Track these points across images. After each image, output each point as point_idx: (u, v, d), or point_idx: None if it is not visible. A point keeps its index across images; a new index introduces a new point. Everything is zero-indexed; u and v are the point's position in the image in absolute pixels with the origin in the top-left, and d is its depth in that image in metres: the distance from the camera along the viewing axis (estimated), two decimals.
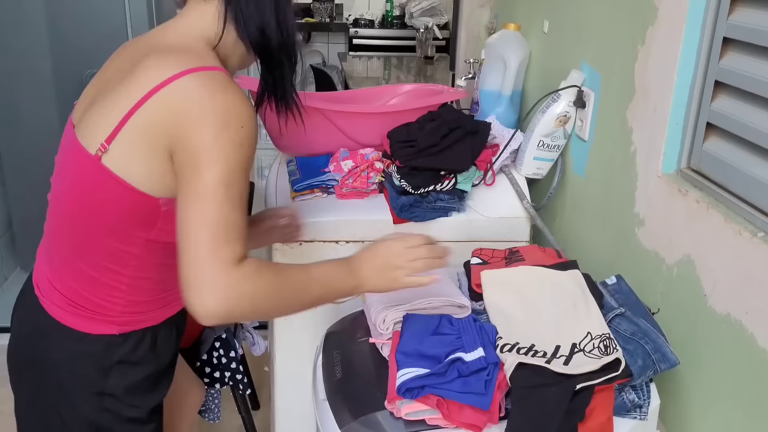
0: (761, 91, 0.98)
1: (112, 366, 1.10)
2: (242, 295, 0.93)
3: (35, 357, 1.12)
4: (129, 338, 1.11)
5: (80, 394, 1.10)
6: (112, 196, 1.00)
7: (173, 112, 0.94)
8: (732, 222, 0.99)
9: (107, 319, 1.09)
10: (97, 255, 1.05)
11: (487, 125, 1.56)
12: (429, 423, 1.01)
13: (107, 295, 1.08)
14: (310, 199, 1.53)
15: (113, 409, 1.12)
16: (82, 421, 1.12)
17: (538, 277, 1.20)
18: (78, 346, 1.09)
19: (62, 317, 1.08)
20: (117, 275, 1.07)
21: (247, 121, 0.97)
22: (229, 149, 0.94)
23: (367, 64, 3.98)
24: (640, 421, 1.04)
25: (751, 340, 0.95)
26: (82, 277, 1.07)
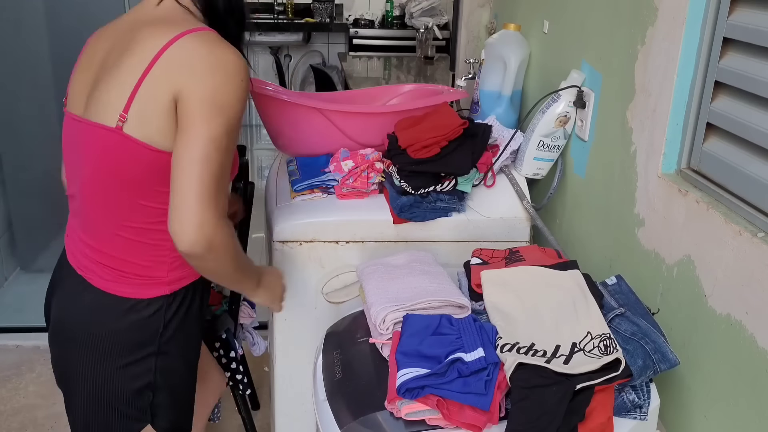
0: (761, 92, 0.98)
1: (166, 325, 1.18)
2: (224, 240, 1.07)
3: (89, 333, 1.16)
4: (177, 296, 1.19)
5: (138, 359, 1.17)
6: (139, 160, 1.08)
7: (178, 69, 1.04)
8: (732, 222, 0.99)
9: (158, 281, 1.16)
10: (137, 219, 1.13)
11: (488, 128, 1.56)
12: (429, 423, 1.01)
13: (154, 256, 1.15)
14: (310, 200, 1.53)
15: (166, 367, 1.20)
16: (138, 385, 1.18)
17: (538, 278, 1.20)
18: (134, 312, 1.15)
19: (115, 289, 1.15)
20: (160, 234, 1.13)
21: (245, 75, 1.07)
22: (233, 101, 1.05)
23: (367, 64, 3.98)
24: (640, 421, 1.04)
25: (751, 340, 0.95)
26: (128, 244, 1.14)
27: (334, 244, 1.51)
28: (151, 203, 1.12)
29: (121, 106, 1.06)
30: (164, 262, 1.16)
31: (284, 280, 1.36)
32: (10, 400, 2.25)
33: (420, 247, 1.47)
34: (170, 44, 1.05)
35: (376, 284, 1.22)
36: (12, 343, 2.45)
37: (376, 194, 1.55)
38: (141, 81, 1.05)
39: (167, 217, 1.08)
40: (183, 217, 1.03)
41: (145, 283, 1.16)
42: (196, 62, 1.04)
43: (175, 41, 1.05)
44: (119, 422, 1.20)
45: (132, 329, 1.16)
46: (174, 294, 1.18)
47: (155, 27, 1.08)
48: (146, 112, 1.06)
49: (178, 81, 1.04)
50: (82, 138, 1.13)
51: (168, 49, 1.04)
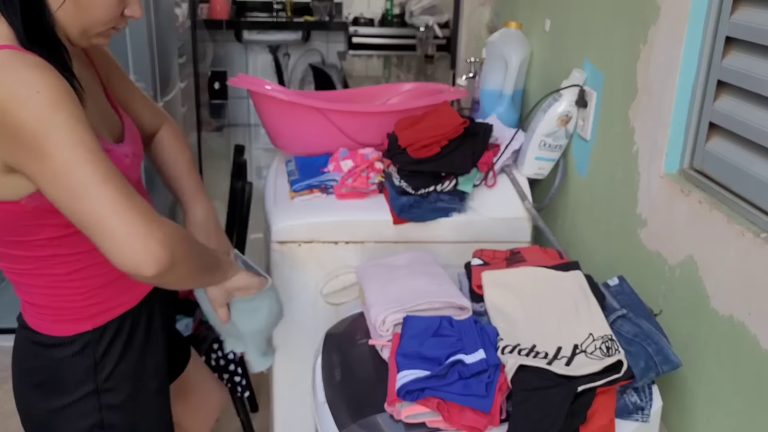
0: (764, 91, 0.98)
1: (99, 362, 1.10)
2: (179, 241, 0.93)
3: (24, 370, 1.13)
4: (107, 329, 1.11)
5: (77, 399, 1.11)
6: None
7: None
8: (735, 223, 0.99)
9: (74, 316, 1.08)
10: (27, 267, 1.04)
11: (489, 127, 1.56)
12: (429, 426, 1.00)
13: (61, 296, 1.07)
14: (309, 200, 1.53)
15: (116, 404, 1.12)
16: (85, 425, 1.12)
17: (539, 278, 1.19)
18: (60, 350, 1.09)
19: (37, 325, 1.10)
20: (55, 277, 1.05)
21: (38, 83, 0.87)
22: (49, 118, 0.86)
23: (367, 63, 3.98)
24: (642, 423, 1.04)
25: (754, 341, 0.94)
26: (28, 287, 1.08)
27: (333, 244, 1.51)
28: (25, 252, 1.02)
29: None
30: (72, 299, 1.07)
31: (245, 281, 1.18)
32: (7, 401, 2.23)
33: (420, 248, 1.46)
34: None
35: (376, 285, 1.22)
36: (9, 344, 2.43)
37: (375, 194, 1.54)
38: None
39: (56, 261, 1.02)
40: (122, 253, 0.88)
41: (62, 319, 1.08)
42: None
43: None
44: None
45: (62, 368, 1.09)
46: (101, 328, 1.10)
47: None
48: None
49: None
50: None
51: None
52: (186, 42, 3.21)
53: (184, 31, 3.16)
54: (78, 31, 0.99)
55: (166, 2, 2.82)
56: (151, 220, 0.90)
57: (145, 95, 1.30)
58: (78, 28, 0.99)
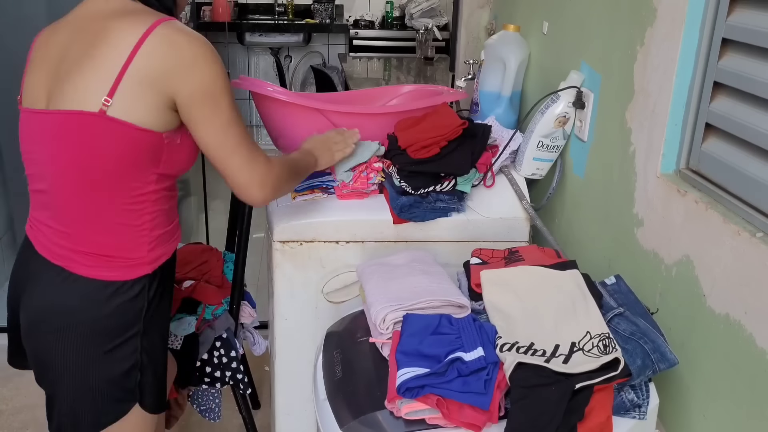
0: (760, 92, 0.98)
1: (149, 304, 1.22)
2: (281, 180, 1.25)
3: (75, 321, 1.17)
4: (157, 274, 1.23)
5: (125, 341, 1.19)
6: (124, 141, 1.12)
7: (164, 58, 1.11)
8: (731, 222, 1.00)
9: (139, 261, 1.20)
10: (119, 201, 1.16)
11: (487, 128, 1.57)
12: (429, 422, 1.01)
13: (135, 237, 1.19)
14: (310, 200, 1.54)
15: (149, 345, 1.23)
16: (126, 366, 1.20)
17: (537, 277, 1.20)
18: (120, 295, 1.18)
19: (99, 273, 1.17)
20: (140, 214, 1.18)
21: (214, 51, 1.17)
22: (221, 80, 1.16)
23: (367, 65, 3.99)
24: (639, 420, 1.05)
25: (749, 339, 0.95)
26: (109, 228, 1.17)
27: (334, 244, 1.52)
28: (134, 183, 1.16)
29: (104, 92, 1.10)
30: (144, 243, 1.20)
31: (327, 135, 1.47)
32: (11, 399, 2.26)
33: (420, 247, 1.47)
34: (147, 34, 1.10)
35: (376, 284, 1.22)
36: None
37: (376, 194, 1.55)
38: (125, 68, 1.10)
39: (148, 196, 1.18)
40: (244, 188, 1.19)
41: (129, 264, 1.19)
42: (180, 55, 1.12)
43: (150, 31, 1.11)
44: (110, 405, 1.21)
45: (118, 312, 1.18)
46: (155, 272, 1.23)
47: (122, 19, 1.13)
48: (133, 96, 1.10)
49: (169, 76, 1.11)
50: (52, 130, 1.15)
51: (147, 39, 1.10)
52: None
53: None
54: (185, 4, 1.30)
55: None
56: (268, 170, 1.21)
57: None
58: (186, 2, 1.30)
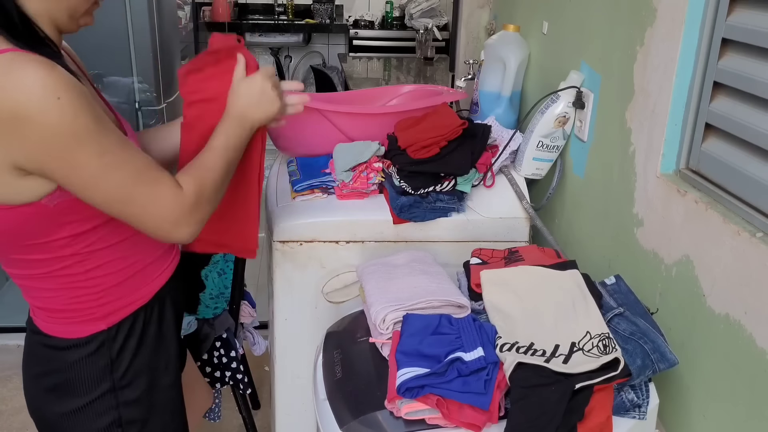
0: (760, 92, 0.98)
1: (115, 360, 1.11)
2: (202, 207, 1.02)
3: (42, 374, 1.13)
4: (121, 327, 1.11)
5: (96, 398, 1.11)
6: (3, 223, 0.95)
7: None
8: (731, 222, 1.00)
9: (88, 317, 1.08)
10: (42, 271, 1.04)
11: (487, 128, 1.57)
12: (429, 422, 1.01)
13: (75, 297, 1.07)
14: (310, 200, 1.54)
15: (132, 400, 1.13)
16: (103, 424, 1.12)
17: (537, 277, 1.20)
18: (75, 351, 1.09)
19: (51, 329, 1.10)
20: (71, 278, 1.05)
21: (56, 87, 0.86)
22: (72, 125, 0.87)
23: (367, 65, 3.99)
24: (639, 420, 1.05)
25: (749, 340, 0.95)
26: (40, 291, 1.07)
27: (334, 244, 1.52)
28: (45, 254, 1.01)
29: None
30: (87, 299, 1.07)
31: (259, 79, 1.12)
32: (11, 399, 2.26)
33: (420, 247, 1.47)
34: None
35: (376, 284, 1.23)
36: (13, 342, 2.46)
37: (376, 194, 1.56)
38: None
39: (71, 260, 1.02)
40: (160, 235, 1.00)
41: (76, 321, 1.08)
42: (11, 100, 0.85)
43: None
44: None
45: (77, 369, 1.09)
46: (115, 327, 1.10)
47: None
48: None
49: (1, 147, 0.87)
50: None
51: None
52: (188, 44, 3.22)
53: (186, 34, 3.18)
54: (67, 16, 0.99)
55: (169, 5, 2.83)
56: (179, 201, 0.99)
57: None
58: (66, 12, 0.98)
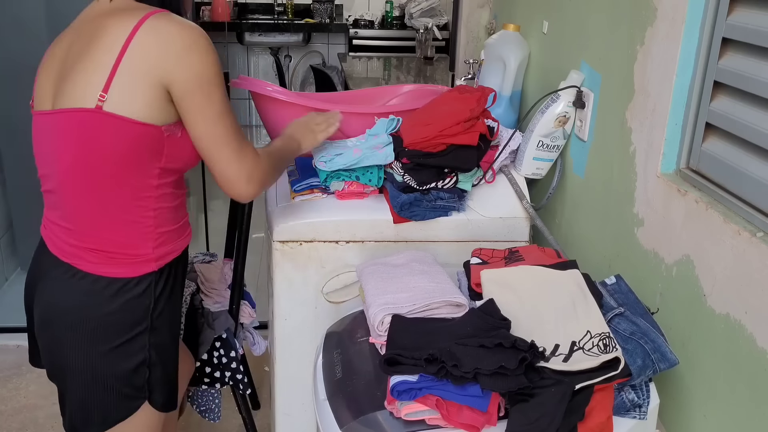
0: (760, 92, 0.98)
1: (156, 301, 1.22)
2: (268, 174, 1.24)
3: (82, 317, 1.18)
4: (164, 272, 1.23)
5: (132, 338, 1.19)
6: (121, 135, 1.12)
7: (156, 49, 1.11)
8: (731, 222, 1.00)
9: (144, 258, 1.20)
10: (122, 198, 1.16)
11: (495, 125, 1.56)
12: (429, 423, 1.01)
13: (140, 234, 1.19)
14: (310, 200, 1.54)
15: (158, 342, 1.23)
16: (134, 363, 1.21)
17: (537, 277, 1.20)
18: (126, 292, 1.18)
19: (104, 270, 1.18)
20: (144, 210, 1.18)
21: (210, 42, 1.16)
22: (214, 69, 1.15)
23: (367, 65, 3.98)
24: (639, 420, 1.05)
25: (750, 339, 0.95)
26: (114, 225, 1.18)
27: (334, 244, 1.52)
28: (136, 179, 1.16)
29: (99, 87, 1.10)
30: (149, 240, 1.20)
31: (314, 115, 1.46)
32: (10, 399, 2.26)
33: (420, 247, 1.47)
34: (138, 26, 1.10)
35: (376, 284, 1.22)
36: (13, 342, 2.46)
37: (376, 194, 1.55)
38: (118, 61, 1.10)
39: (150, 192, 1.17)
40: (232, 182, 1.18)
41: (133, 262, 1.19)
42: (171, 44, 1.11)
43: (142, 23, 1.11)
44: (118, 402, 1.22)
45: (124, 309, 1.18)
46: (161, 270, 1.22)
47: (116, 16, 1.13)
48: (128, 89, 1.10)
49: (160, 60, 1.10)
50: (56, 129, 1.15)
51: (138, 31, 1.10)
52: None
53: None
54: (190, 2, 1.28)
55: None
56: (256, 164, 1.20)
57: None
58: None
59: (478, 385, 1.00)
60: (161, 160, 1.17)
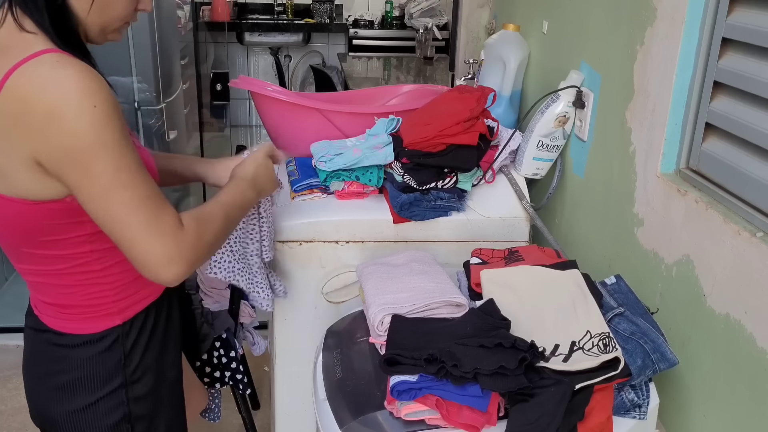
0: (760, 92, 0.98)
1: (128, 355, 1.11)
2: (197, 251, 1.00)
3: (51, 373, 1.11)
4: (135, 322, 1.11)
5: (107, 394, 1.10)
6: (24, 218, 0.97)
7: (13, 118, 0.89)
8: (731, 222, 1.00)
9: (104, 312, 1.09)
10: (59, 267, 1.04)
11: (495, 125, 1.56)
12: (428, 423, 1.01)
13: (93, 294, 1.07)
14: (309, 200, 1.54)
15: (141, 395, 1.13)
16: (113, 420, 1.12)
17: (537, 277, 1.20)
18: (89, 348, 1.09)
19: (63, 326, 1.09)
20: (89, 274, 1.06)
21: (95, 95, 0.89)
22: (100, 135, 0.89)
23: (367, 65, 3.98)
24: (639, 420, 1.05)
25: (750, 339, 0.95)
26: (55, 287, 1.07)
27: (333, 244, 1.52)
28: (69, 250, 1.03)
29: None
30: (107, 293, 1.08)
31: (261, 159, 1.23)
32: (11, 399, 2.26)
33: (420, 247, 1.47)
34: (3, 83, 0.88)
35: (375, 284, 1.22)
36: (13, 342, 2.45)
37: (375, 194, 1.55)
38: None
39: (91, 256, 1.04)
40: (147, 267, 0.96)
41: (91, 316, 1.08)
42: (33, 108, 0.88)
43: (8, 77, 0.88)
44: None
45: (91, 365, 1.09)
46: (130, 321, 1.11)
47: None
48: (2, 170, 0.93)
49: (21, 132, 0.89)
50: None
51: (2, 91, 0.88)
52: (188, 44, 3.22)
53: (186, 33, 3.17)
54: (98, 29, 1.02)
55: (169, 4, 2.83)
56: (178, 240, 0.97)
57: None
58: (99, 26, 1.01)
59: (478, 385, 1.00)
60: (87, 226, 1.00)
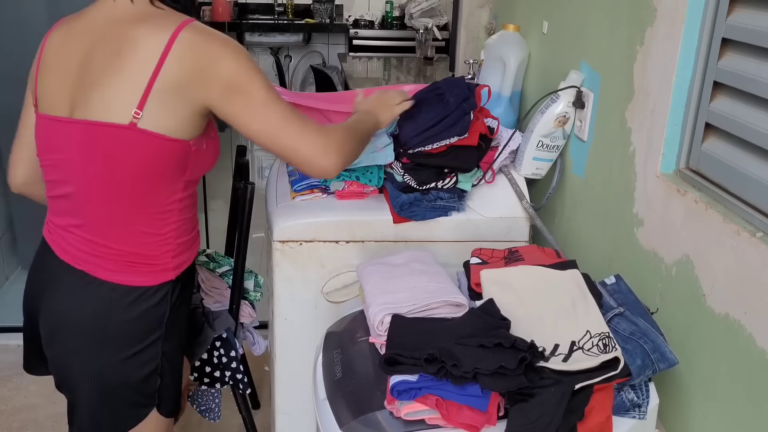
0: (760, 92, 0.99)
1: (171, 309, 1.22)
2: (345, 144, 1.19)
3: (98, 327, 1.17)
4: (179, 280, 1.24)
5: (146, 346, 1.20)
6: (154, 152, 1.12)
7: (192, 64, 1.10)
8: (731, 222, 1.00)
9: (164, 267, 1.21)
10: (148, 212, 1.17)
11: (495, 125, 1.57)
12: (428, 423, 1.01)
13: (161, 246, 1.20)
14: (310, 199, 1.54)
15: (169, 350, 1.24)
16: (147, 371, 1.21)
17: (537, 277, 1.20)
18: (144, 301, 1.19)
19: (124, 279, 1.18)
20: (167, 223, 1.19)
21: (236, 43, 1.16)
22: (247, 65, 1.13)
23: (367, 65, 3.98)
24: (639, 420, 1.05)
25: (749, 339, 0.95)
26: (137, 236, 1.17)
27: (334, 243, 1.52)
28: (163, 194, 1.17)
29: (133, 103, 1.09)
30: (169, 250, 1.21)
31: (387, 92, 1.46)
32: (11, 399, 2.26)
33: (420, 247, 1.47)
34: (172, 40, 1.09)
35: (375, 284, 1.22)
36: (13, 342, 2.45)
37: (376, 194, 1.56)
38: (154, 78, 1.09)
39: (175, 205, 1.19)
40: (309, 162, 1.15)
41: (153, 270, 1.20)
42: (206, 51, 1.11)
43: (175, 36, 1.09)
44: (128, 410, 1.22)
45: (141, 317, 1.19)
46: (177, 279, 1.23)
47: (146, 26, 1.11)
48: (164, 106, 1.10)
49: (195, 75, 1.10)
50: (78, 139, 1.13)
51: (173, 46, 1.09)
52: None
53: None
54: None
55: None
56: (326, 136, 1.16)
57: None
58: None
59: (478, 384, 1.00)
60: (186, 173, 1.18)
